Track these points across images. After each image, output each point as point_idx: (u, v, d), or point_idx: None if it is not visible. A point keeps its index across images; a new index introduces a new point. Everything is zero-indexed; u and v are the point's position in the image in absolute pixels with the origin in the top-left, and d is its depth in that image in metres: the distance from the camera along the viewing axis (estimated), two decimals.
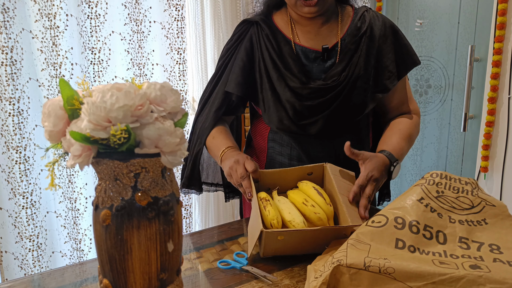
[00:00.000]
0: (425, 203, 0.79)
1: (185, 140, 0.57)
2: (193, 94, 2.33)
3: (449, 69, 2.39)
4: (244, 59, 1.18)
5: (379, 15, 1.20)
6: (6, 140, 1.78)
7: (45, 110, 0.57)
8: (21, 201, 1.83)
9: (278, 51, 1.16)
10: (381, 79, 1.17)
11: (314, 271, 0.74)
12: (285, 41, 1.17)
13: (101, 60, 1.96)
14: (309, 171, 1.07)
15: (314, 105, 1.13)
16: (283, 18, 1.21)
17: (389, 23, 1.19)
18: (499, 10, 1.97)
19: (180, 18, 2.13)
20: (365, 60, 1.14)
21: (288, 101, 1.13)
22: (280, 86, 1.14)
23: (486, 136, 2.09)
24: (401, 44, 1.19)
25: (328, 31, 1.17)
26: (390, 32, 1.18)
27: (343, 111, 1.14)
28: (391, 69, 1.17)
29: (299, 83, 1.13)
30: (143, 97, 0.54)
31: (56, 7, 1.80)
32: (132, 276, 0.58)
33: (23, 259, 1.88)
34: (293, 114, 1.14)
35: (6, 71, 1.73)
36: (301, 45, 1.17)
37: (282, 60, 1.15)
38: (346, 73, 1.13)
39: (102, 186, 0.57)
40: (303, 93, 1.13)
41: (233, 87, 1.17)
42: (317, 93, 1.13)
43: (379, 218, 0.76)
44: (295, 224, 0.90)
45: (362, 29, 1.16)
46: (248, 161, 1.04)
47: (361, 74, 1.14)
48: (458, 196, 0.83)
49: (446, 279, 0.62)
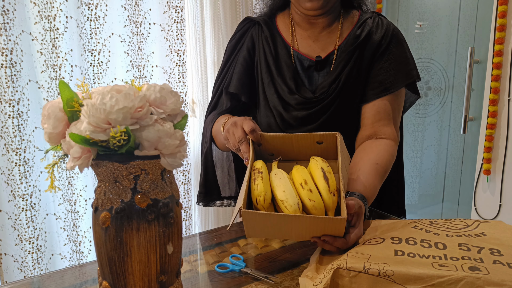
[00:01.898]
0: (419, 228, 0.81)
1: (185, 142, 0.57)
2: (193, 96, 2.33)
3: (449, 71, 2.40)
4: (247, 58, 1.16)
5: (385, 22, 1.13)
6: (6, 142, 1.77)
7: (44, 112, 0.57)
8: (21, 203, 1.83)
9: (274, 55, 1.13)
10: (366, 88, 1.10)
11: (310, 280, 0.73)
12: (283, 45, 1.14)
13: (100, 62, 1.96)
14: (318, 139, 0.92)
15: (299, 116, 1.09)
16: (284, 20, 1.19)
17: (393, 32, 1.11)
18: (499, 12, 1.98)
19: (180, 20, 2.13)
20: (357, 71, 1.09)
21: (275, 108, 1.11)
22: (270, 91, 1.12)
23: (488, 139, 2.09)
24: (401, 56, 1.10)
25: (327, 38, 1.13)
26: (392, 40, 1.10)
27: (331, 124, 1.09)
28: (380, 79, 1.09)
29: (287, 91, 1.09)
30: (142, 99, 0.54)
31: (56, 9, 1.80)
32: (131, 278, 0.57)
33: (22, 261, 1.87)
34: (280, 122, 1.11)
35: (5, 73, 1.72)
36: (298, 52, 1.14)
37: (277, 65, 1.12)
38: (335, 85, 1.08)
39: (101, 188, 0.57)
40: (290, 102, 1.09)
41: (238, 87, 1.14)
42: (304, 105, 1.09)
43: (376, 239, 0.78)
44: (287, 205, 0.78)
45: (360, 37, 1.10)
46: (246, 121, 0.93)
47: (353, 85, 1.09)
48: (451, 222, 0.85)
49: (444, 281, 0.62)
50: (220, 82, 1.22)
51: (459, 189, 2.42)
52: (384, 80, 1.08)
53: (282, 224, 0.77)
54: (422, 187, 2.62)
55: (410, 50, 1.14)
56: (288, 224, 0.77)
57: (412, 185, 2.66)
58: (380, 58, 1.10)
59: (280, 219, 0.76)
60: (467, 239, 0.75)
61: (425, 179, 2.60)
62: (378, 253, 0.72)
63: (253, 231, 0.81)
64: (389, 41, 1.10)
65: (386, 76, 1.08)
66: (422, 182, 2.61)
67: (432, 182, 2.57)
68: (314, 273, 0.76)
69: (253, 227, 0.79)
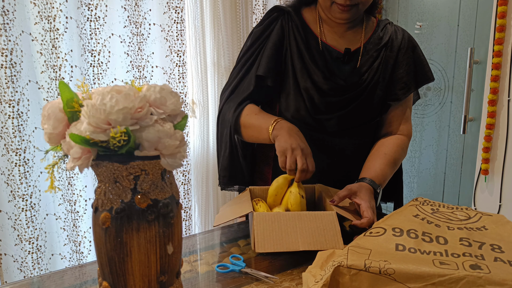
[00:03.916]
0: (420, 218, 0.81)
1: (185, 143, 0.57)
2: (193, 96, 2.33)
3: (449, 71, 2.40)
4: (277, 44, 1.19)
5: (400, 29, 1.25)
6: (6, 143, 1.78)
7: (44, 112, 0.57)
8: (21, 204, 1.83)
9: (305, 43, 1.18)
10: (394, 88, 1.20)
11: (312, 276, 0.73)
12: (313, 36, 1.20)
13: (100, 62, 1.96)
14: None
15: (331, 101, 1.16)
16: (312, 14, 1.24)
17: (408, 37, 1.24)
18: (498, 13, 1.98)
19: (180, 20, 2.13)
20: (383, 69, 1.19)
21: (308, 92, 1.16)
22: (303, 77, 1.16)
23: (487, 139, 2.09)
24: (417, 59, 1.23)
25: (353, 36, 1.21)
26: (409, 45, 1.22)
27: (357, 114, 1.18)
28: (405, 81, 1.20)
29: (321, 77, 1.15)
30: (142, 99, 0.54)
31: (55, 9, 1.80)
32: (131, 279, 0.57)
33: (22, 261, 1.87)
34: (310, 107, 1.16)
35: (5, 73, 1.73)
36: (326, 43, 1.20)
37: (309, 52, 1.18)
38: (365, 77, 1.17)
39: (101, 189, 0.57)
40: (323, 88, 1.15)
41: (266, 70, 1.16)
42: (337, 91, 1.16)
43: (377, 229, 0.78)
44: None
45: (384, 39, 1.21)
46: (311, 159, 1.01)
47: (380, 81, 1.18)
48: (453, 211, 0.84)
49: (445, 280, 0.62)
50: (242, 65, 1.22)
51: (458, 189, 2.42)
52: (408, 81, 1.21)
53: (294, 223, 0.93)
54: (420, 187, 2.62)
55: None
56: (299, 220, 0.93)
57: (410, 185, 2.66)
58: (402, 62, 1.20)
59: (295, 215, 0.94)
60: (468, 232, 0.75)
61: (424, 179, 2.60)
62: (379, 247, 0.72)
63: (263, 242, 0.91)
64: (407, 45, 1.22)
65: (409, 78, 1.21)
66: (420, 182, 2.62)
67: (431, 182, 2.57)
68: (317, 269, 0.76)
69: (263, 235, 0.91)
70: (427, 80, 1.23)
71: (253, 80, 1.18)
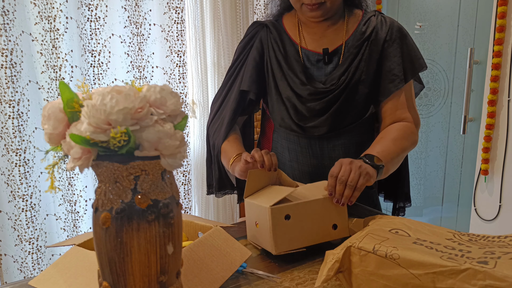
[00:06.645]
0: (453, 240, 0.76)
1: (185, 143, 0.57)
2: (193, 96, 2.33)
3: (449, 71, 2.40)
4: (257, 58, 1.23)
5: (388, 19, 1.20)
6: (6, 143, 1.78)
7: (45, 112, 0.57)
8: (21, 204, 1.83)
9: (283, 53, 1.20)
10: (384, 82, 1.17)
11: (332, 254, 0.76)
12: (291, 44, 1.21)
13: (101, 62, 1.96)
14: None
15: (313, 107, 1.16)
16: (292, 20, 1.25)
17: (397, 27, 1.19)
18: (498, 13, 1.98)
19: (180, 20, 2.14)
20: (367, 65, 1.15)
21: (289, 100, 1.18)
22: (283, 85, 1.19)
23: (486, 139, 2.09)
24: (408, 48, 1.18)
25: (334, 34, 1.20)
26: (397, 35, 1.17)
27: (341, 115, 1.17)
28: (395, 72, 1.16)
29: (299, 84, 1.16)
30: (143, 99, 0.54)
31: (56, 9, 1.80)
32: (131, 279, 0.57)
33: (22, 262, 1.87)
34: (294, 114, 1.18)
35: (6, 73, 1.73)
36: (305, 48, 1.20)
37: (287, 60, 1.19)
38: (345, 77, 1.15)
39: (102, 189, 0.57)
40: (303, 94, 1.16)
41: (249, 85, 1.21)
42: (316, 95, 1.16)
43: (402, 232, 0.78)
44: None
45: (366, 33, 1.17)
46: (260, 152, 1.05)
47: (362, 78, 1.15)
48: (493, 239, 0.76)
49: (446, 270, 0.63)
50: (228, 79, 1.29)
51: (458, 189, 2.42)
52: (398, 72, 1.16)
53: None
54: (420, 187, 2.62)
55: None
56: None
57: (416, 188, 2.66)
58: (390, 53, 1.17)
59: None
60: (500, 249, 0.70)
61: (423, 179, 2.60)
62: (397, 239, 0.74)
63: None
64: (395, 36, 1.17)
65: (399, 69, 1.16)
66: (420, 182, 2.61)
67: (434, 183, 2.57)
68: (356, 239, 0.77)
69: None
70: (420, 68, 1.19)
71: (237, 95, 1.24)
